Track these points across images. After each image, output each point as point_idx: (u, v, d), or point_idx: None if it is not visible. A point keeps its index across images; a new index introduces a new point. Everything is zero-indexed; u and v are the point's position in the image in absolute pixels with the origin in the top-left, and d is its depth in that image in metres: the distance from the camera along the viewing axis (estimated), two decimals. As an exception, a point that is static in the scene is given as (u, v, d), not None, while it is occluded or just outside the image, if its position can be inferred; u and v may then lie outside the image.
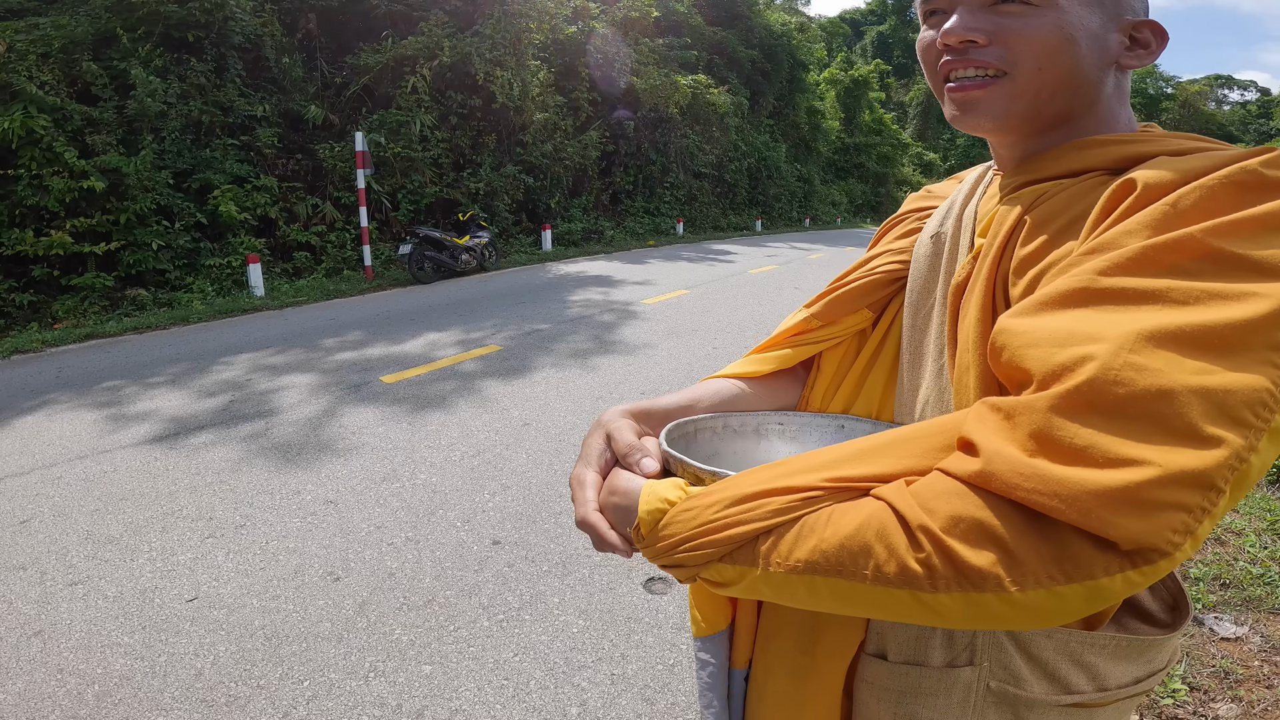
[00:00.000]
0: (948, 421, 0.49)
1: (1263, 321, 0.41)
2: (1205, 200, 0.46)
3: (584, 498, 0.61)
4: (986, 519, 0.41)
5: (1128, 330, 0.41)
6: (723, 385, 0.76)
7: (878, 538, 0.44)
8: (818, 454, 0.51)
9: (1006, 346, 0.47)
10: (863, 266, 0.77)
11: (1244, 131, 45.33)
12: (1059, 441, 0.40)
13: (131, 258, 8.30)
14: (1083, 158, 0.59)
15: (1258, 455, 0.40)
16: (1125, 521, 0.38)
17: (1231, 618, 2.17)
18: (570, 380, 4.85)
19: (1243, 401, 0.39)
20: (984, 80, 0.60)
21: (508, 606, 2.32)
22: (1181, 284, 0.43)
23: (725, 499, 0.50)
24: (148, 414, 4.23)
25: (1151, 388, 0.39)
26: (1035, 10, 0.58)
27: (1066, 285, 0.46)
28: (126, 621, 2.25)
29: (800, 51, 24.96)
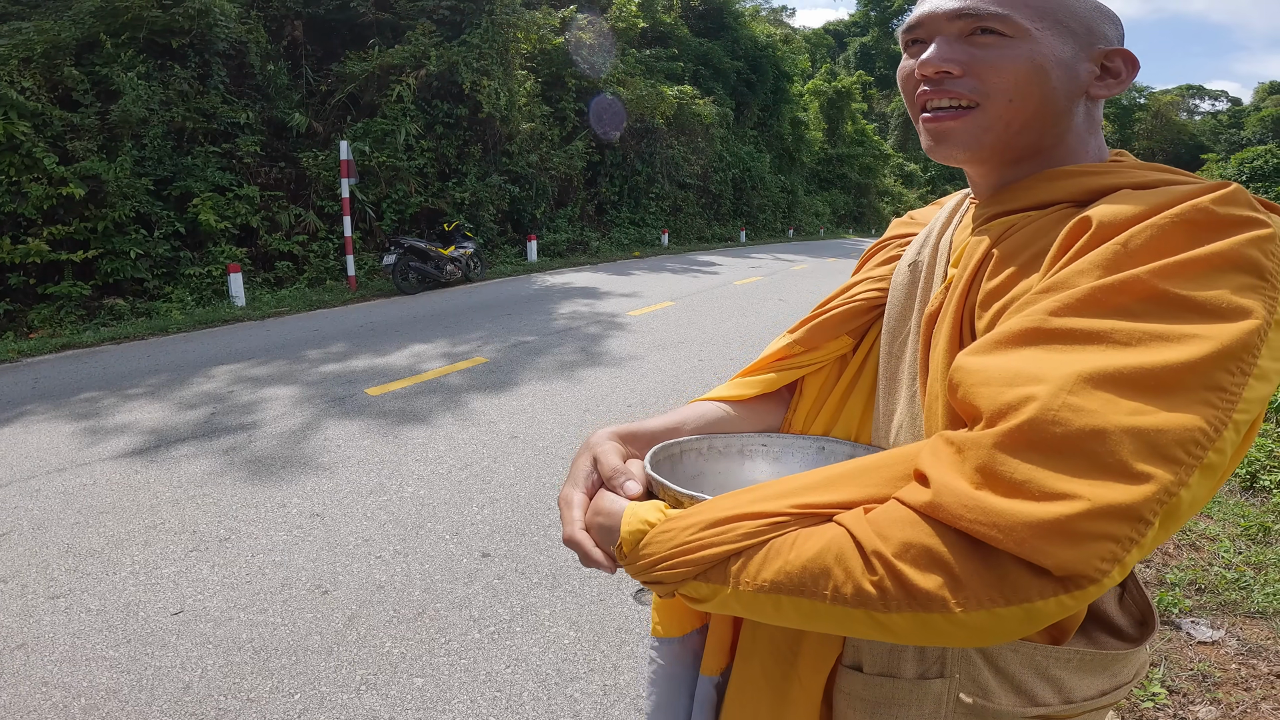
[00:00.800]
0: (905, 453, 0.52)
1: (1201, 363, 0.43)
2: (1155, 240, 0.48)
3: (571, 517, 0.64)
4: (935, 546, 0.44)
5: (1068, 372, 0.44)
6: (708, 408, 0.78)
7: (836, 561, 0.47)
8: (786, 481, 0.55)
9: (961, 384, 0.50)
10: (844, 293, 0.80)
11: (1215, 141, 46.36)
12: (1001, 476, 0.43)
13: (109, 266, 8.19)
14: (1051, 189, 0.61)
15: (1189, 490, 0.42)
16: (1056, 551, 0.41)
17: (1208, 622, 2.22)
18: (557, 393, 4.86)
19: (1174, 440, 0.42)
20: (957, 111, 0.62)
21: (499, 619, 2.31)
22: (1125, 325, 0.45)
23: (700, 522, 0.54)
24: (127, 426, 4.16)
25: (1086, 427, 0.42)
26: (1009, 42, 0.60)
27: (1019, 325, 0.49)
28: (111, 635, 2.22)
29: (785, 63, 25.28)
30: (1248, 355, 0.44)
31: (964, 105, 0.62)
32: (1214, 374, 0.43)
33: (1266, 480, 3.27)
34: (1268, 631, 2.17)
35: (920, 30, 0.64)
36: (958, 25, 0.62)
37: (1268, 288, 0.46)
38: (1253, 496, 3.22)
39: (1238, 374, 0.44)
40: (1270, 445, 3.60)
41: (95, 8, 8.60)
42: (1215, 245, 0.47)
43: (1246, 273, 0.46)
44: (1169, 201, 0.50)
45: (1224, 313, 0.45)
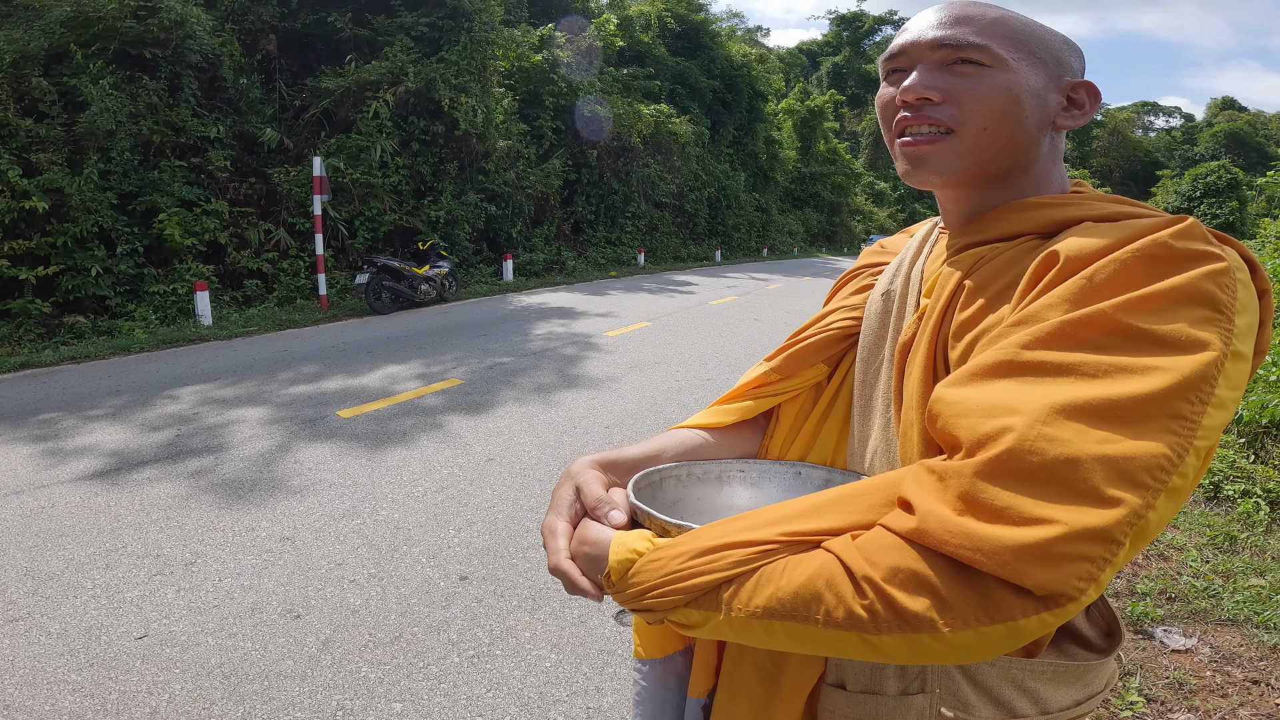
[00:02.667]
0: (887, 480, 0.54)
1: (1163, 394, 0.46)
2: (1119, 274, 0.51)
3: (556, 546, 0.64)
4: (922, 570, 0.46)
5: (1042, 404, 0.47)
6: (687, 435, 0.80)
7: (828, 586, 0.49)
8: (774, 509, 0.56)
9: (941, 415, 0.52)
10: (819, 322, 0.82)
11: (1169, 157, 47.98)
12: (982, 503, 0.46)
13: (70, 283, 7.96)
14: (1018, 221, 0.64)
15: (1155, 512, 0.45)
16: (1037, 572, 0.43)
17: (1180, 630, 2.26)
18: (534, 415, 4.82)
19: (1141, 466, 0.45)
20: (934, 137, 0.64)
21: (478, 642, 2.26)
22: (1092, 358, 0.48)
23: (690, 550, 0.55)
24: (87, 448, 4.03)
25: (1060, 456, 0.45)
26: (988, 71, 0.63)
27: (994, 358, 0.52)
28: (73, 659, 2.14)
29: (759, 82, 25.75)
30: (1206, 385, 0.47)
31: (941, 131, 0.64)
32: (1175, 404, 0.46)
33: (1230, 490, 3.36)
34: (1239, 638, 2.22)
35: (902, 59, 0.67)
36: (939, 54, 0.64)
37: (1223, 320, 0.49)
38: (1217, 506, 3.31)
39: (1197, 403, 0.46)
40: (1232, 456, 3.71)
41: (66, 17, 8.42)
42: (1174, 280, 0.49)
43: (1203, 306, 0.49)
44: (1131, 236, 0.53)
45: (1183, 345, 0.47)
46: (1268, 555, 2.79)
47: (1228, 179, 21.65)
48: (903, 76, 0.66)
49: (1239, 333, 0.50)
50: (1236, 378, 0.49)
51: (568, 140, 16.02)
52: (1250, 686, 1.98)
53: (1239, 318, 0.50)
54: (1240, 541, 2.90)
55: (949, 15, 0.65)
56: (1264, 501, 3.20)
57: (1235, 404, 0.49)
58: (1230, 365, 0.48)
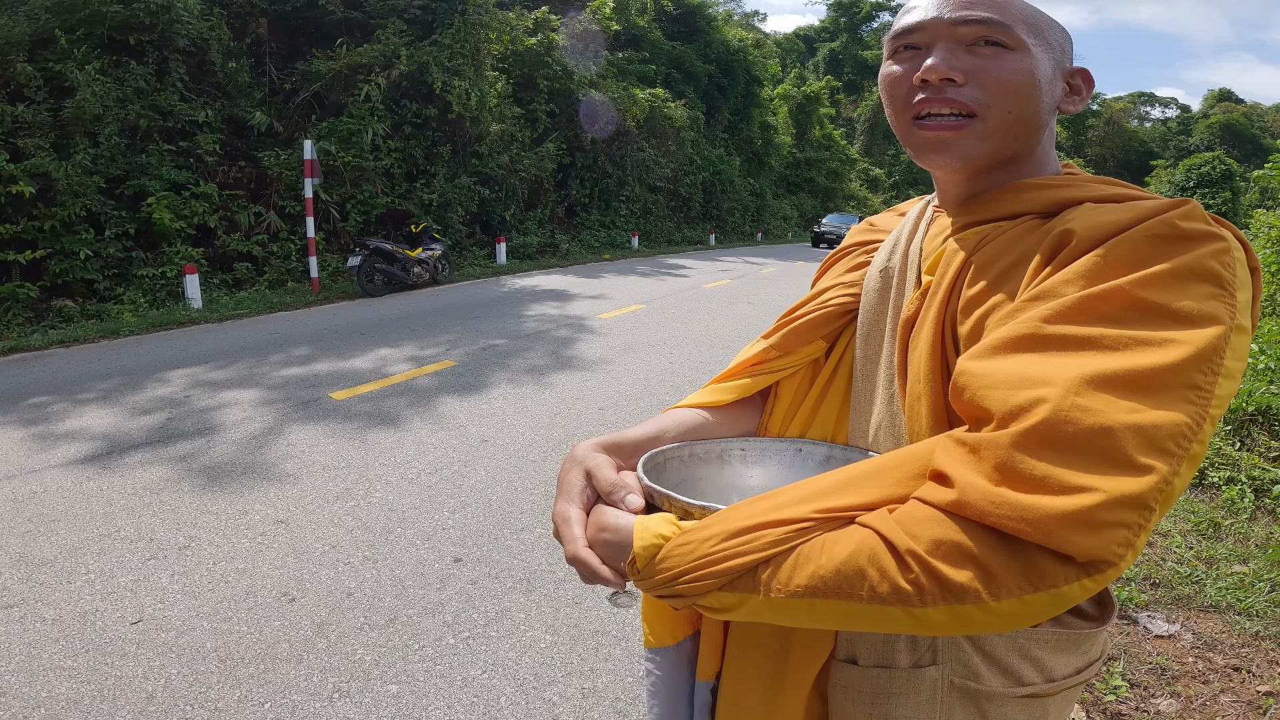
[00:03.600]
0: (916, 452, 0.55)
1: (1180, 365, 0.48)
2: (1131, 252, 0.53)
3: (572, 535, 0.63)
4: (964, 541, 0.47)
5: (1072, 375, 0.48)
6: (687, 415, 0.79)
7: (870, 562, 0.49)
8: (801, 486, 0.56)
9: (968, 387, 0.53)
10: (815, 299, 0.82)
11: (1164, 148, 47.81)
12: (1021, 473, 0.46)
13: (58, 267, 7.87)
14: (1019, 201, 0.65)
15: (1179, 478, 0.47)
16: (1080, 539, 0.44)
17: (1163, 616, 2.30)
18: (527, 397, 4.82)
19: (1167, 435, 0.46)
20: (958, 122, 0.63)
21: (473, 624, 2.28)
22: (1113, 332, 0.50)
23: (721, 533, 0.54)
24: (78, 432, 4.01)
25: (1095, 426, 0.46)
26: (1010, 54, 0.62)
27: (1017, 331, 0.53)
28: (68, 645, 2.14)
29: (755, 67, 25.51)
30: (1217, 357, 0.49)
31: (963, 115, 0.63)
32: (1191, 374, 0.48)
33: (1215, 477, 3.40)
34: (1222, 625, 2.26)
35: (918, 35, 0.65)
36: (963, 32, 0.63)
37: (1227, 295, 0.51)
38: (1202, 493, 3.36)
39: (1209, 374, 0.49)
40: (1218, 443, 3.75)
41: (51, 3, 8.27)
42: (1183, 258, 0.52)
43: (1210, 282, 0.51)
44: (1140, 216, 0.55)
45: (1195, 319, 0.50)
46: (1251, 542, 2.83)
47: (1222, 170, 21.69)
48: (916, 54, 0.65)
49: (1240, 307, 0.52)
50: (1240, 349, 0.51)
51: (562, 124, 15.88)
52: (1232, 673, 2.02)
53: (1240, 293, 0.52)
54: (1224, 528, 2.95)
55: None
56: (1249, 489, 3.24)
57: (1240, 374, 0.51)
58: (1235, 338, 0.50)
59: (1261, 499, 3.18)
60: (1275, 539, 2.83)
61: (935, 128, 0.64)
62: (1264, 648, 2.13)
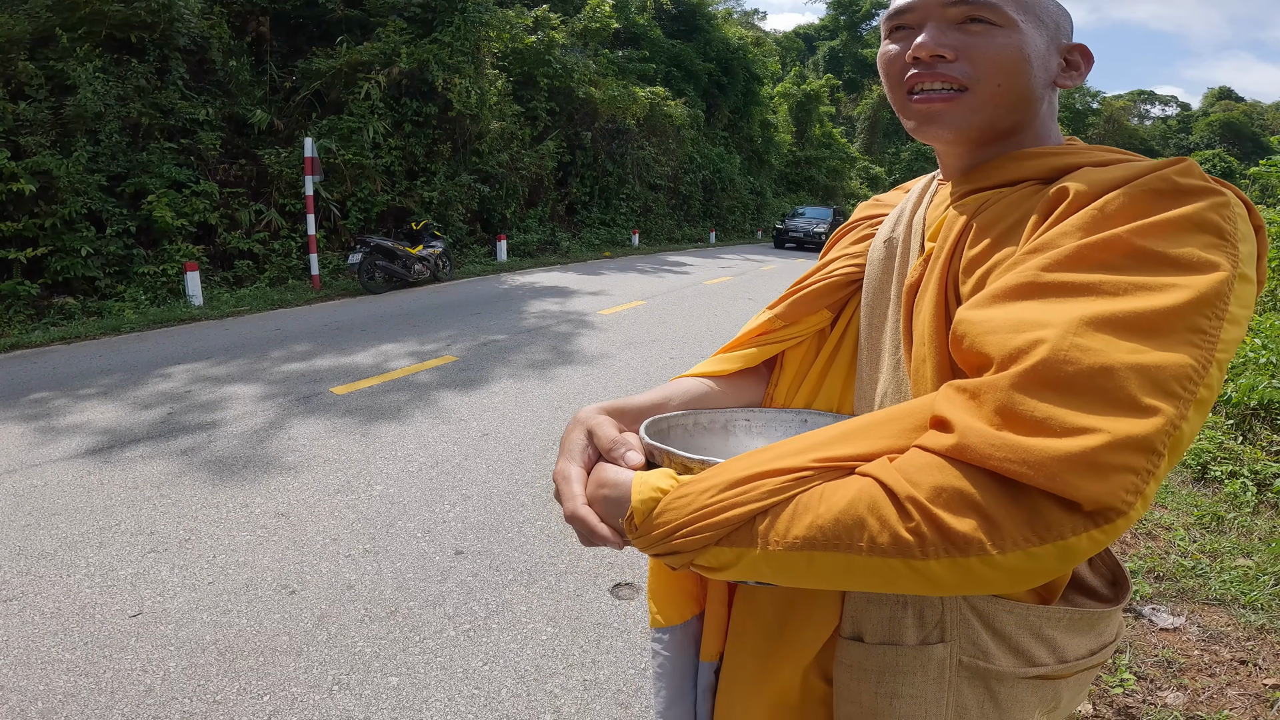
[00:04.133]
0: (919, 404, 0.53)
1: (1183, 308, 0.47)
2: (1128, 205, 0.52)
3: (571, 492, 0.61)
4: (965, 488, 0.45)
5: (1070, 317, 0.47)
6: (692, 384, 0.79)
7: (870, 510, 0.47)
8: (804, 438, 0.54)
9: (967, 335, 0.52)
10: (821, 270, 0.82)
11: (1164, 146, 47.82)
12: (1021, 415, 0.45)
13: (59, 264, 7.87)
14: (1020, 168, 0.65)
15: (1187, 423, 0.45)
16: (1086, 484, 0.42)
17: (1168, 609, 2.29)
18: (528, 391, 4.81)
19: (1172, 376, 0.45)
20: (948, 95, 0.64)
21: (474, 616, 2.28)
22: (1112, 278, 0.49)
23: (720, 484, 0.53)
24: (79, 427, 4.00)
25: (1095, 365, 0.45)
26: (999, 30, 0.63)
27: (1015, 280, 0.52)
28: (67, 638, 2.13)
29: (755, 65, 25.43)
30: (1220, 302, 0.48)
31: (954, 89, 0.64)
32: (1194, 318, 0.47)
33: (1217, 471, 3.39)
34: (1227, 618, 2.25)
35: (910, 15, 0.67)
36: (951, 12, 0.64)
37: (1228, 246, 0.51)
38: (1204, 487, 3.34)
39: (1214, 318, 0.48)
40: (1220, 437, 3.74)
41: (53, 1, 8.27)
42: (1182, 209, 0.51)
43: (1210, 233, 0.51)
44: (1135, 174, 0.55)
45: (1196, 266, 0.49)
46: (1254, 536, 2.82)
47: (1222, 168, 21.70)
48: (909, 34, 0.67)
49: (1244, 258, 0.51)
50: (1245, 297, 0.51)
51: (562, 122, 15.86)
52: (1238, 666, 2.01)
53: (1242, 245, 0.52)
54: (1227, 522, 2.94)
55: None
56: (1251, 482, 3.23)
57: (1246, 321, 0.51)
58: (1239, 286, 0.50)
59: (1264, 493, 3.17)
60: (1279, 533, 2.82)
61: (926, 100, 0.66)
62: (1270, 641, 2.12)
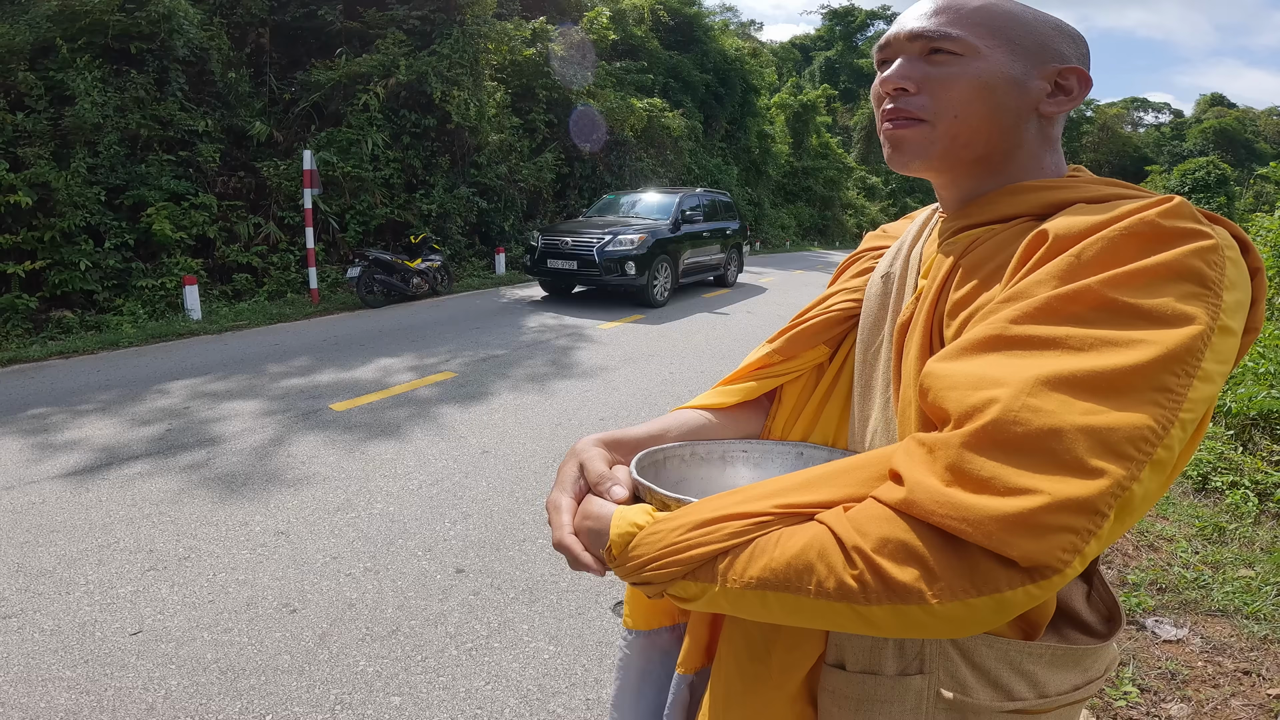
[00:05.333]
0: (880, 454, 0.55)
1: (1148, 366, 0.46)
2: (1106, 251, 0.51)
3: (560, 521, 0.66)
4: (910, 540, 0.47)
5: (1027, 376, 0.47)
6: (691, 415, 0.81)
7: (819, 557, 0.50)
8: (769, 483, 0.57)
9: (931, 389, 0.53)
10: (821, 304, 0.83)
11: (1158, 153, 47.89)
12: (968, 473, 0.46)
13: (58, 278, 7.86)
14: (1013, 204, 0.64)
15: (1140, 484, 0.45)
16: (1021, 542, 0.44)
17: (1171, 621, 2.29)
18: (528, 407, 4.81)
19: (1125, 438, 0.45)
20: (909, 122, 0.66)
21: (476, 635, 2.27)
22: (1079, 332, 0.48)
23: (688, 523, 0.56)
24: (77, 443, 3.99)
25: (1044, 427, 0.45)
26: (960, 60, 0.64)
27: (983, 333, 0.52)
28: (67, 655, 2.13)
29: (752, 76, 25.59)
30: (1191, 359, 0.47)
31: (917, 120, 0.66)
32: (1160, 376, 0.46)
33: (1218, 481, 3.40)
34: (1230, 629, 2.24)
35: (888, 50, 0.69)
36: (916, 45, 0.66)
37: (1210, 295, 0.49)
38: (1205, 498, 3.35)
39: (1183, 376, 0.47)
40: (1220, 448, 3.75)
41: (52, 11, 8.30)
42: (1161, 256, 0.50)
43: (1190, 281, 0.49)
44: (1119, 216, 0.53)
45: (1169, 319, 0.48)
46: (1256, 546, 2.82)
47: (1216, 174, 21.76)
48: (888, 67, 0.69)
49: (1227, 308, 0.50)
50: (1225, 352, 0.49)
51: (560, 134, 15.93)
52: (1242, 677, 2.00)
53: (1227, 294, 0.50)
54: (1229, 533, 2.94)
55: (932, 6, 0.67)
56: (1252, 493, 3.23)
57: (1223, 378, 0.50)
58: (1218, 340, 0.48)
59: (1265, 503, 3.17)
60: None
61: (893, 127, 0.67)
62: (1273, 651, 2.12)
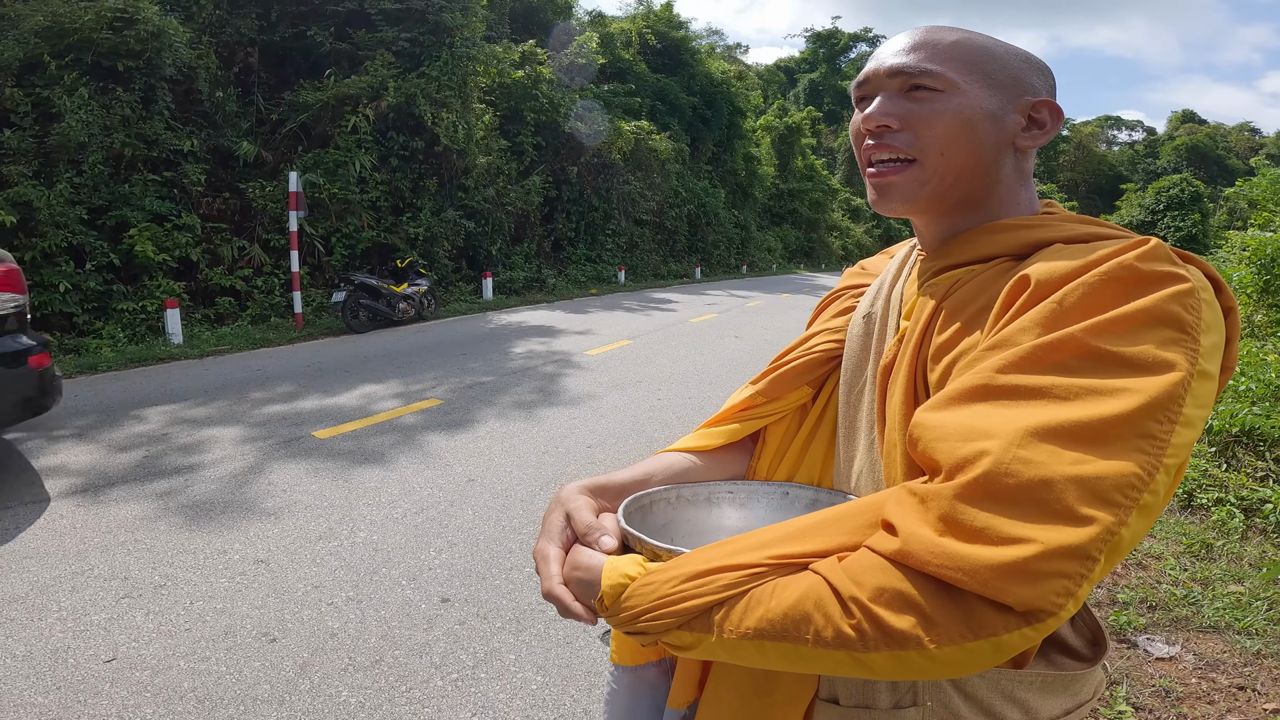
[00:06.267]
0: (871, 503, 0.56)
1: (1133, 414, 0.47)
2: (1087, 297, 0.52)
3: (549, 572, 0.65)
4: (906, 590, 0.48)
5: (1017, 427, 0.48)
6: (675, 459, 0.81)
7: (816, 607, 0.50)
8: (762, 533, 0.58)
9: (921, 439, 0.54)
10: (803, 345, 0.84)
11: (1133, 171, 48.72)
12: (962, 524, 0.47)
13: (37, 299, 7.74)
14: (991, 244, 0.65)
15: (1128, 529, 0.46)
16: (1016, 589, 0.45)
17: (1163, 638, 2.28)
18: (515, 434, 4.75)
19: (1113, 485, 0.46)
20: (898, 166, 0.66)
21: (461, 665, 2.21)
22: (1064, 381, 0.50)
23: (681, 575, 0.56)
24: (52, 469, 3.90)
25: (1035, 478, 0.46)
26: (941, 96, 0.64)
27: (970, 382, 0.53)
28: (39, 681, 2.07)
29: (738, 98, 26.00)
30: (1174, 405, 0.48)
31: (903, 159, 0.66)
32: (1144, 424, 0.48)
33: (1203, 498, 3.42)
34: (1222, 645, 2.24)
35: (867, 87, 0.69)
36: (896, 82, 0.66)
37: (1189, 340, 0.50)
38: (1191, 515, 3.36)
39: (1166, 423, 0.48)
40: (1204, 465, 3.78)
41: (41, 28, 8.25)
42: (1140, 302, 0.51)
43: (1169, 327, 0.50)
44: (1098, 260, 0.54)
45: (1151, 366, 0.49)
46: (1244, 562, 2.83)
47: (1190, 192, 22.27)
48: (868, 104, 0.68)
49: (1204, 352, 0.51)
50: (1203, 396, 0.50)
51: (548, 157, 16.05)
52: (1237, 692, 1.99)
53: (1204, 337, 0.51)
54: (1216, 549, 2.95)
55: (908, 42, 0.67)
56: (1238, 509, 3.25)
57: (1203, 421, 0.51)
58: (1197, 384, 0.50)
59: (1251, 519, 3.19)
60: (1269, 558, 2.83)
61: (879, 174, 0.67)
62: (1267, 665, 2.12)
